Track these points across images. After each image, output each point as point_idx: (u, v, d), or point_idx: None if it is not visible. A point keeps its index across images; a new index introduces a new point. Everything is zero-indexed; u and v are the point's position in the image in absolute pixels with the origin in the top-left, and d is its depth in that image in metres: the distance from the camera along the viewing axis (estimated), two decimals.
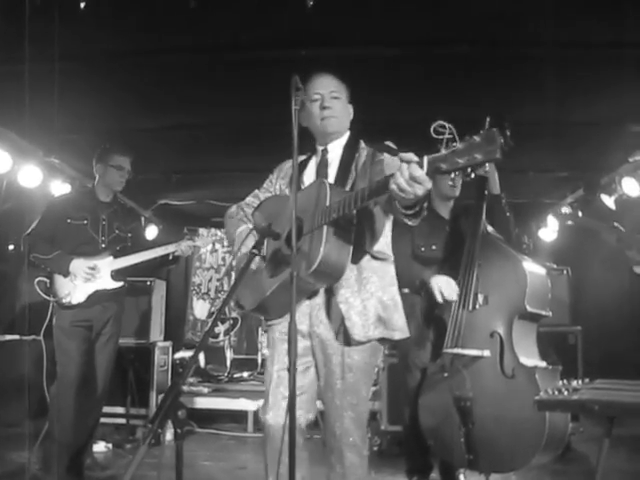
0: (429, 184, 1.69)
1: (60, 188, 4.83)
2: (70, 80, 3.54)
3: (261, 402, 2.26)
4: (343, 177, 2.21)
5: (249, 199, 2.47)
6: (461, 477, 3.41)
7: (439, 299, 3.08)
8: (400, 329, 2.20)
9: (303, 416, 2.13)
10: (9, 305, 5.48)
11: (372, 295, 2.14)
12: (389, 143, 2.28)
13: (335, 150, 2.32)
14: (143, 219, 5.89)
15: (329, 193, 2.02)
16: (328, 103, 2.24)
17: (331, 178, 2.24)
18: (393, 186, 1.71)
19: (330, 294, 2.13)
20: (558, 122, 4.26)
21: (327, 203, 1.99)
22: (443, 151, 1.64)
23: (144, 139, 4.78)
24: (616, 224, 3.53)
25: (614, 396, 2.10)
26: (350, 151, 2.29)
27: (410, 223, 1.89)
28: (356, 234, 2.05)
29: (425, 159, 1.66)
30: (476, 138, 1.58)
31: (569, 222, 4.47)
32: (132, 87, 3.94)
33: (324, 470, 2.16)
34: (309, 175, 2.31)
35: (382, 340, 2.19)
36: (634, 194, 4.74)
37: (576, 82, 3.73)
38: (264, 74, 3.66)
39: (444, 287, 3.08)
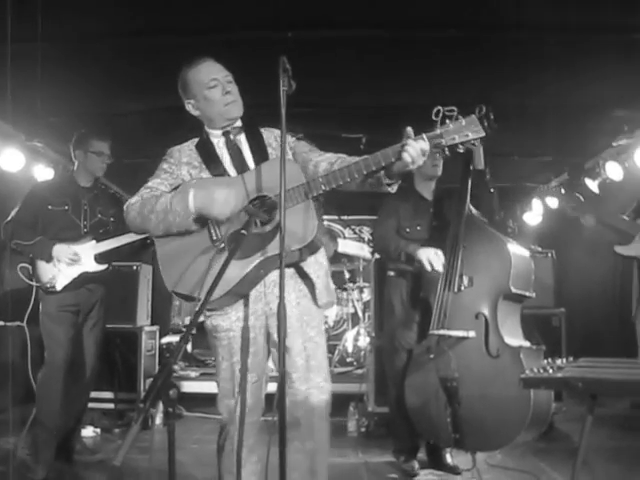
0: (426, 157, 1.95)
1: (43, 172, 4.77)
2: (53, 62, 3.49)
3: None
4: (262, 157, 2.20)
5: (156, 185, 2.22)
6: (447, 456, 3.48)
7: (428, 268, 3.11)
8: (332, 292, 2.30)
9: (257, 404, 2.18)
10: None
11: (322, 266, 2.23)
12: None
13: (237, 132, 2.28)
14: None
15: (299, 170, 2.10)
16: (229, 88, 2.21)
17: (249, 158, 2.22)
18: (407, 157, 1.90)
19: (296, 267, 2.16)
20: (542, 106, 4.29)
21: (302, 180, 2.04)
22: (437, 130, 1.92)
23: (129, 123, 4.73)
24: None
25: (597, 373, 2.14)
26: (253, 132, 2.29)
27: (390, 190, 2.04)
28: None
29: (424, 136, 1.92)
30: (462, 121, 1.92)
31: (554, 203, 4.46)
32: (116, 70, 3.90)
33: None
34: (224, 159, 2.24)
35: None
36: (617, 178, 4.80)
37: (560, 66, 3.75)
38: (250, 56, 3.64)
39: (432, 258, 3.11)
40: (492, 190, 3.30)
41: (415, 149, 1.89)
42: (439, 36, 3.59)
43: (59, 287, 3.32)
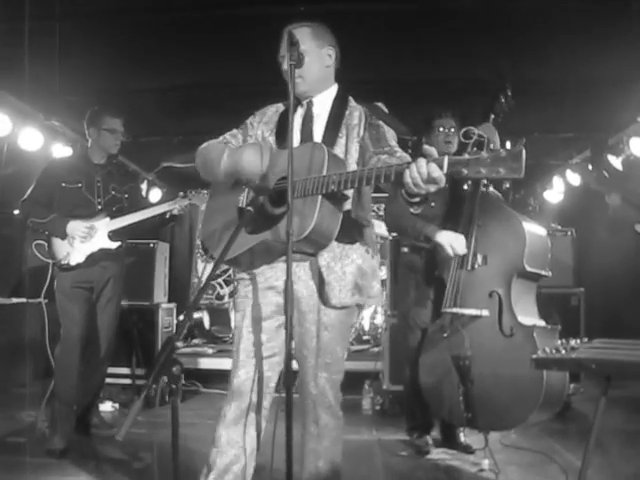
0: (443, 184, 1.66)
1: (61, 151, 4.81)
2: (70, 40, 3.50)
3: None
4: (332, 135, 2.14)
5: (228, 137, 2.31)
6: (461, 435, 3.47)
7: (450, 253, 3.06)
8: (375, 296, 2.19)
9: (274, 377, 2.13)
10: (16, 269, 5.53)
11: (353, 262, 2.11)
12: (380, 105, 2.23)
13: (322, 103, 2.22)
14: (146, 182, 5.89)
15: (327, 161, 1.95)
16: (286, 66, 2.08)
17: (318, 133, 2.16)
18: (408, 179, 1.69)
19: (313, 256, 2.09)
20: (564, 81, 4.17)
21: (324, 171, 1.93)
22: (466, 155, 1.62)
23: (146, 101, 4.74)
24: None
25: (611, 355, 2.09)
26: (339, 107, 2.21)
27: (412, 210, 1.86)
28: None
29: (446, 160, 1.63)
30: (502, 152, 1.58)
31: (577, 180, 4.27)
32: (134, 47, 3.90)
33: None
34: (294, 128, 2.17)
35: (357, 305, 2.18)
36: None
37: (582, 39, 3.63)
38: (265, 31, 3.59)
39: (454, 241, 3.06)
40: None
41: (421, 172, 1.65)
42: (455, 8, 3.50)
43: (73, 263, 3.35)
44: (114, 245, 3.44)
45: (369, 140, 2.14)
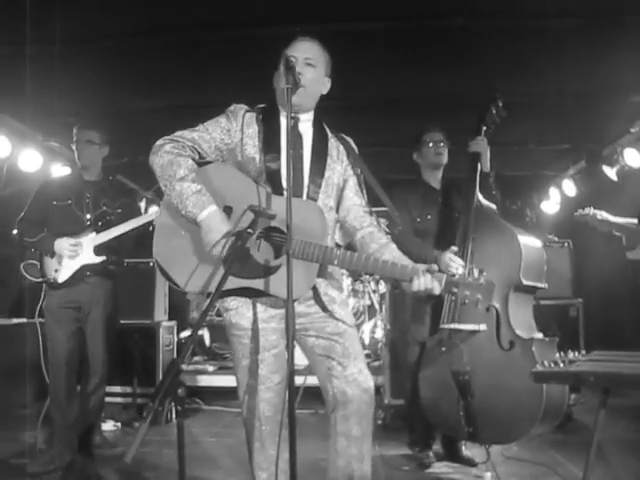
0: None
1: (60, 171, 4.84)
2: (69, 62, 3.53)
3: None
4: (318, 165, 2.15)
5: (198, 140, 2.12)
6: (462, 448, 3.48)
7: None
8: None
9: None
10: (15, 288, 5.53)
11: (341, 292, 2.25)
12: (349, 139, 2.29)
13: (305, 124, 2.19)
14: (145, 200, 5.89)
15: (330, 233, 2.10)
16: (299, 69, 2.06)
17: (307, 159, 2.15)
18: (415, 286, 1.99)
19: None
20: (559, 93, 4.23)
21: (326, 241, 2.02)
22: (459, 279, 2.00)
23: (144, 120, 4.77)
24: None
25: (609, 367, 2.12)
26: (320, 132, 2.21)
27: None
28: None
29: (444, 278, 2.00)
30: (482, 280, 1.98)
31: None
32: (132, 68, 3.94)
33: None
34: (283, 146, 2.11)
35: None
36: (636, 165, 4.72)
37: (576, 52, 3.69)
38: (262, 52, 3.64)
39: (448, 266, 3.07)
40: (494, 192, 3.27)
41: (427, 284, 1.98)
42: (449, 25, 3.55)
43: (61, 280, 3.33)
44: (98, 260, 3.38)
45: (346, 190, 2.25)
